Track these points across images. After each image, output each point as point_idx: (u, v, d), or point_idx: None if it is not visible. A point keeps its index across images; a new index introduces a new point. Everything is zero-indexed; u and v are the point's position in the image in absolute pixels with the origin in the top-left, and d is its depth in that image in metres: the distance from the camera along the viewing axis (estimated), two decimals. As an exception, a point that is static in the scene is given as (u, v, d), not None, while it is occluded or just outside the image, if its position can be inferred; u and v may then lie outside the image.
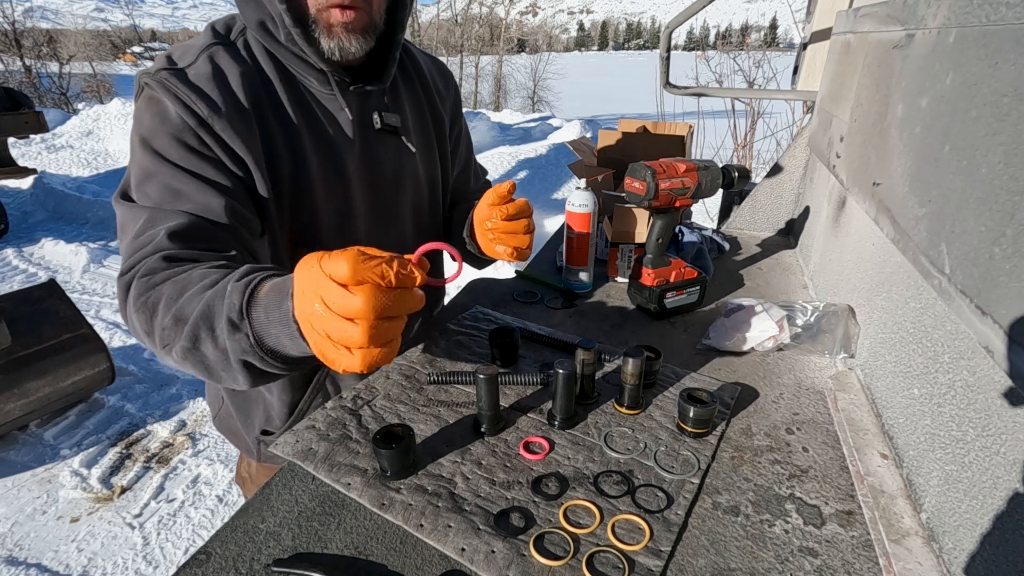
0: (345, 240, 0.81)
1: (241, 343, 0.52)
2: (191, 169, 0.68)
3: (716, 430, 0.72)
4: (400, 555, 0.55)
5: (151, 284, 0.60)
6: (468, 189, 1.09)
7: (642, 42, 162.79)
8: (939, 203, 0.54)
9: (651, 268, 0.99)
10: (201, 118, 0.68)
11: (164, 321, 0.57)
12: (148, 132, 0.68)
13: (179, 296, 0.57)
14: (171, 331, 0.56)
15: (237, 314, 0.52)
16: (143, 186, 0.67)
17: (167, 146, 0.67)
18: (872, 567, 0.54)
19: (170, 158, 0.67)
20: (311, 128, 0.77)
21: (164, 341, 0.57)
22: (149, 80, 0.68)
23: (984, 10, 0.50)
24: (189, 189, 0.67)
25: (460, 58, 15.62)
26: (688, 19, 1.50)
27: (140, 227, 0.65)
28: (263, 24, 0.72)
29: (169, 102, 0.67)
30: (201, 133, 0.68)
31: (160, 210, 0.65)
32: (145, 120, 0.68)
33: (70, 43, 17.53)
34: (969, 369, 0.52)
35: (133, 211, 0.67)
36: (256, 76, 0.73)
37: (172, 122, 0.67)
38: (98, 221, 5.00)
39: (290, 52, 0.74)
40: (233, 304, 0.52)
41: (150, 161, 0.67)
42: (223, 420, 1.00)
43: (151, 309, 0.58)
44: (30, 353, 2.19)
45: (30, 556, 1.78)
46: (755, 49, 6.31)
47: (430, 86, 0.94)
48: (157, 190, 0.67)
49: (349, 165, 0.81)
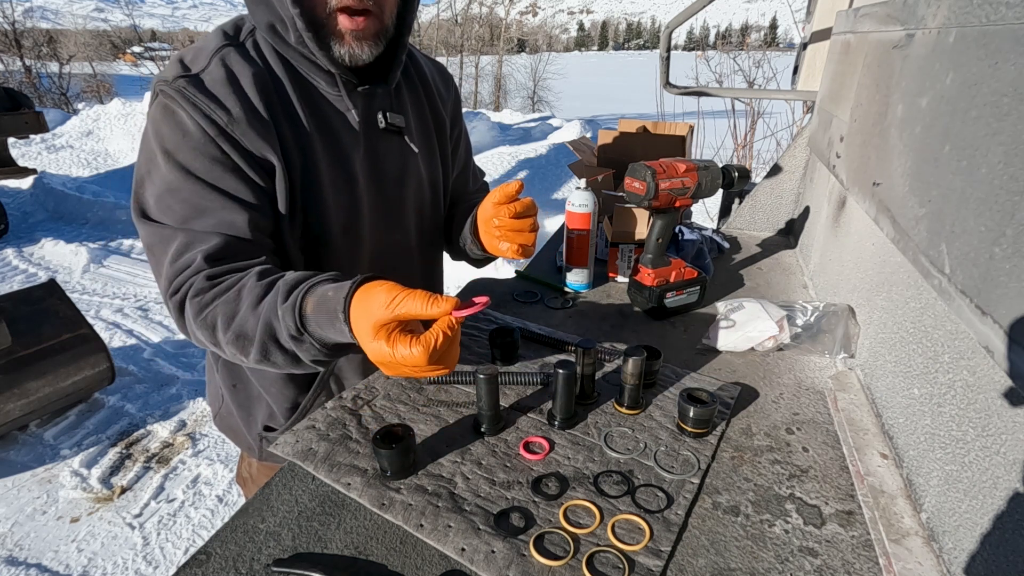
0: (352, 235, 0.83)
1: (309, 350, 0.63)
2: (215, 184, 0.69)
3: (716, 430, 0.72)
4: (400, 555, 0.55)
5: (204, 303, 0.67)
6: (467, 190, 1.09)
7: (642, 42, 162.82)
8: (939, 203, 0.54)
9: (651, 268, 0.99)
10: (220, 127, 0.68)
11: (227, 337, 0.65)
12: (172, 146, 0.68)
13: (233, 315, 0.65)
14: (235, 346, 0.66)
15: (296, 331, 0.62)
16: (166, 199, 0.69)
17: (191, 160, 0.68)
18: (872, 567, 0.54)
19: (194, 171, 0.68)
20: (320, 128, 0.78)
21: (233, 353, 0.67)
22: (166, 88, 0.68)
23: (984, 10, 0.50)
24: (214, 206, 0.69)
25: (460, 58, 15.62)
26: (688, 19, 1.50)
27: (175, 250, 0.69)
28: (272, 26, 0.73)
29: (188, 112, 0.68)
30: (221, 142, 0.69)
31: (191, 232, 0.69)
32: (165, 132, 0.69)
33: (70, 43, 17.53)
34: (969, 369, 0.52)
35: (161, 233, 0.69)
36: (267, 77, 0.74)
37: (193, 135, 0.68)
38: (98, 221, 5.00)
39: (299, 54, 0.75)
40: (289, 326, 0.62)
41: (174, 176, 0.68)
42: (224, 419, 1.00)
43: (211, 326, 0.66)
44: (30, 353, 2.19)
45: (30, 556, 1.78)
46: (755, 49, 6.31)
47: (432, 88, 0.94)
48: (182, 206, 0.69)
49: (356, 164, 0.82)
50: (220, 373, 0.94)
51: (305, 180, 0.77)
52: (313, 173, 0.77)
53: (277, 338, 0.63)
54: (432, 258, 1.03)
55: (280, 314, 0.62)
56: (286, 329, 0.62)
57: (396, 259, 0.92)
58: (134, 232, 4.71)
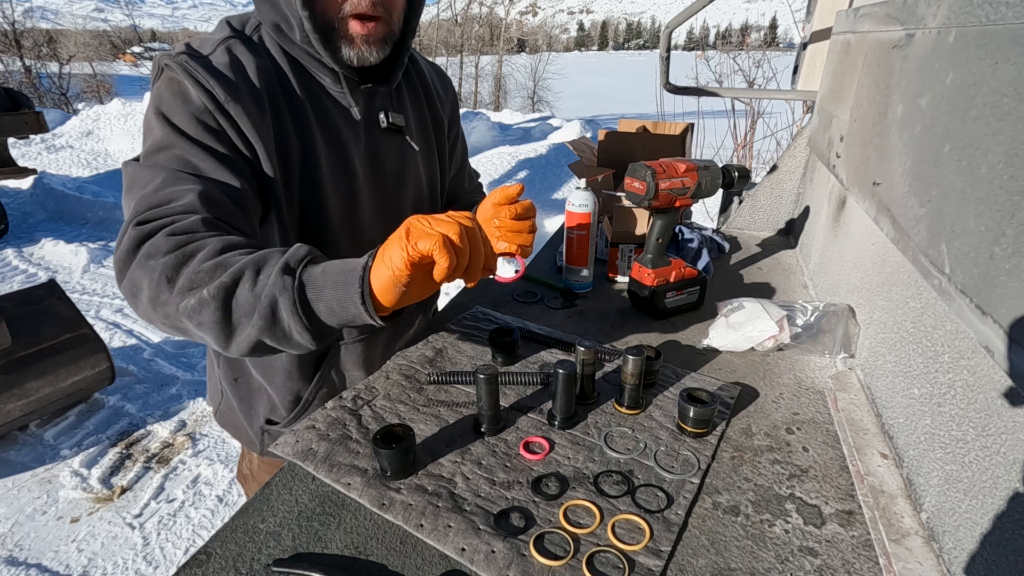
0: (350, 229, 0.85)
1: (285, 283, 0.55)
2: (209, 145, 0.68)
3: (716, 430, 0.72)
4: (400, 555, 0.55)
5: (192, 240, 0.60)
6: (462, 190, 1.12)
7: (642, 42, 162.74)
8: (939, 203, 0.54)
9: (651, 268, 0.99)
10: (219, 102, 0.69)
11: (201, 266, 0.58)
12: (168, 108, 0.68)
13: (223, 250, 0.59)
14: (206, 275, 0.57)
15: (296, 261, 0.57)
16: (157, 155, 0.67)
17: (187, 123, 0.68)
18: (872, 567, 0.54)
19: (189, 133, 0.68)
20: (321, 122, 0.80)
21: (189, 284, 0.57)
22: (171, 62, 0.69)
23: (984, 10, 0.50)
24: (206, 166, 0.67)
25: (460, 58, 15.61)
26: (688, 19, 1.50)
27: (159, 183, 0.64)
28: (277, 25, 0.75)
29: (190, 84, 0.68)
30: (218, 116, 0.69)
31: (182, 173, 0.65)
32: (165, 97, 0.69)
33: (70, 43, 17.53)
34: (969, 369, 0.52)
35: (148, 170, 0.66)
36: (271, 69, 0.76)
37: (192, 102, 0.69)
38: (98, 221, 5.00)
39: (303, 51, 0.76)
40: (298, 253, 0.58)
41: (168, 134, 0.68)
42: (224, 414, 1.00)
43: (184, 256, 0.58)
44: (30, 353, 2.18)
45: (30, 556, 1.78)
46: (755, 49, 6.31)
47: (431, 89, 0.97)
48: (173, 160, 0.67)
49: (355, 159, 0.83)
50: (221, 368, 0.95)
51: (305, 170, 0.78)
52: (313, 164, 0.78)
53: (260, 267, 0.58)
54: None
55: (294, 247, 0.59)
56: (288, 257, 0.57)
57: None
58: (134, 232, 4.71)
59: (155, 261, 0.58)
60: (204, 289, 0.56)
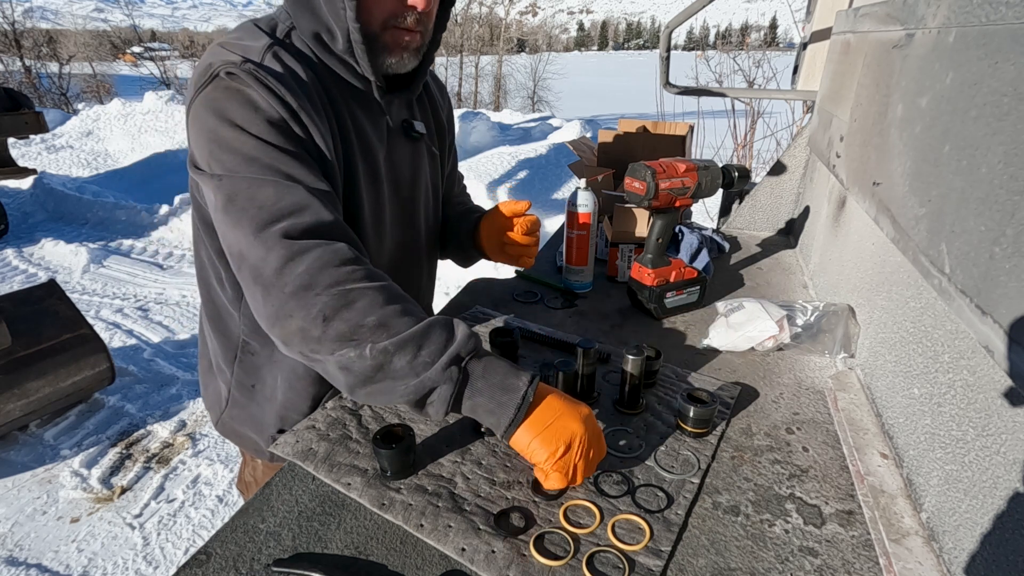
0: (377, 234, 0.86)
1: (451, 374, 0.59)
2: (296, 152, 0.67)
3: (716, 430, 0.72)
4: (400, 555, 0.55)
5: (351, 278, 0.62)
6: (452, 192, 1.14)
7: (642, 42, 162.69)
8: (939, 203, 0.54)
9: (651, 268, 0.99)
10: (292, 109, 0.67)
11: (364, 320, 0.60)
12: (243, 120, 0.66)
13: (385, 304, 0.61)
14: (368, 332, 0.60)
15: (467, 352, 0.60)
16: (250, 165, 0.65)
17: (266, 132, 0.66)
18: (872, 567, 0.54)
19: (272, 142, 0.66)
20: (356, 128, 0.81)
21: (350, 335, 0.60)
22: (235, 70, 0.66)
23: (984, 10, 0.50)
24: (300, 173, 0.66)
25: (460, 58, 15.61)
26: (688, 19, 1.50)
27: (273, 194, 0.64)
28: (318, 35, 0.74)
29: (259, 92, 0.66)
30: (293, 124, 0.68)
31: (284, 183, 0.64)
32: (231, 108, 0.66)
33: (70, 43, 17.54)
34: (969, 369, 0.52)
35: (251, 182, 0.64)
36: (313, 74, 0.75)
37: (265, 110, 0.66)
38: (98, 221, 5.00)
39: (339, 60, 0.76)
40: (468, 345, 0.61)
41: (250, 146, 0.65)
42: (226, 424, 0.99)
43: (346, 300, 0.61)
44: (30, 353, 2.18)
45: (30, 556, 1.78)
46: (755, 49, 6.30)
47: (434, 96, 1.00)
48: (268, 171, 0.65)
49: (381, 166, 0.85)
50: (236, 375, 0.92)
51: (345, 174, 0.79)
52: (351, 168, 0.79)
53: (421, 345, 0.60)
54: (434, 256, 1.07)
55: (458, 332, 0.62)
56: (458, 346, 0.60)
57: (410, 257, 0.97)
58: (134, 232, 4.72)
59: (314, 296, 0.60)
60: (366, 347, 0.59)
